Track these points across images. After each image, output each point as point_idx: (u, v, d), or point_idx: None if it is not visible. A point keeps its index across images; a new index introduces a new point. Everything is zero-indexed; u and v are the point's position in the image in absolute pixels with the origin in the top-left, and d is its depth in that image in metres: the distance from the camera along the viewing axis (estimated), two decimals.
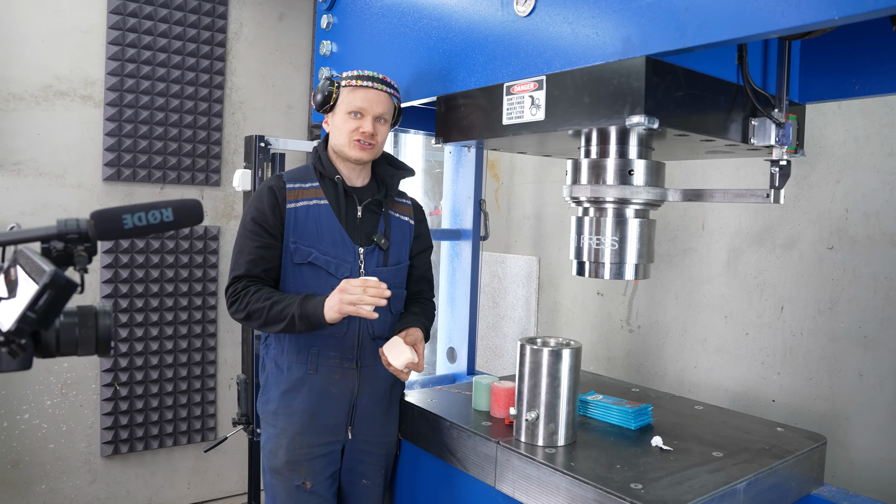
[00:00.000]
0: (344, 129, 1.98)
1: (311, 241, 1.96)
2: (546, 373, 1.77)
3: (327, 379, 1.98)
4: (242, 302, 1.91)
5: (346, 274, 1.97)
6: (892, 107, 2.26)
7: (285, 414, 1.99)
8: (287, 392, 1.99)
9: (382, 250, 2.04)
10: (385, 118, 2.00)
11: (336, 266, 1.96)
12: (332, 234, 1.98)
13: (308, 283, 1.96)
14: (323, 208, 1.99)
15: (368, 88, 1.96)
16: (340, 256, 1.97)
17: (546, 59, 1.62)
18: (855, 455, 2.33)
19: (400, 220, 2.12)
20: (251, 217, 1.98)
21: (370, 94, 1.97)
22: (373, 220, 2.06)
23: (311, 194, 2.00)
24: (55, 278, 0.89)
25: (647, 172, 1.72)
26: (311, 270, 1.96)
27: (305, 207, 1.98)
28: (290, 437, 1.97)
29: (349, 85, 1.97)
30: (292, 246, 1.96)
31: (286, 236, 1.96)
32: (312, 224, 1.97)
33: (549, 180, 3.54)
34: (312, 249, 1.96)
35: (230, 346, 3.86)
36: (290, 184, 2.01)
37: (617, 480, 1.55)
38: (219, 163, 3.75)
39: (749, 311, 2.65)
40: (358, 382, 2.00)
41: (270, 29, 3.92)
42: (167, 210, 1.14)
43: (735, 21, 1.26)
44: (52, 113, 3.28)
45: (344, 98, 1.98)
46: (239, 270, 1.95)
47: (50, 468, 3.37)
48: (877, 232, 2.29)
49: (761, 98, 1.67)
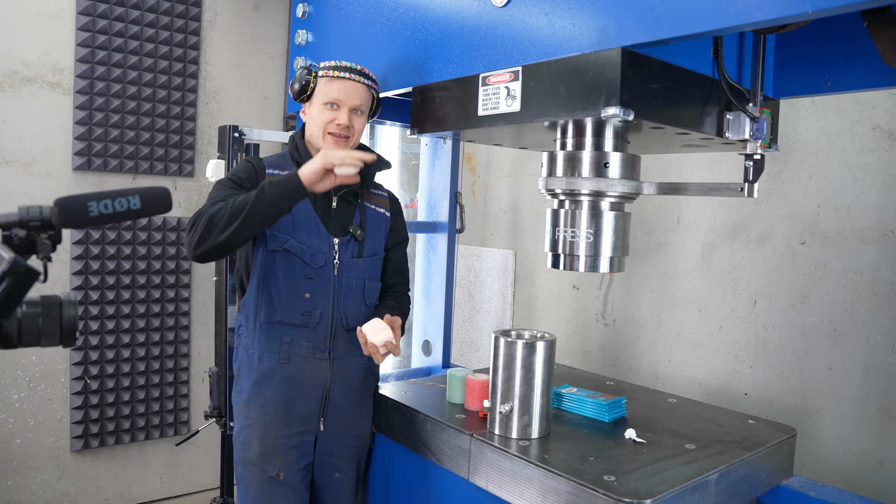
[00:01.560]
0: (319, 120, 1.96)
1: (287, 229, 1.94)
2: (520, 365, 1.77)
3: (299, 369, 1.97)
4: (201, 220, 1.76)
5: (321, 264, 1.95)
6: (863, 104, 2.29)
7: (257, 404, 1.97)
8: (259, 382, 1.97)
9: (358, 241, 2.02)
10: (362, 110, 1.99)
11: (311, 255, 1.95)
12: (308, 224, 1.96)
13: (281, 271, 1.94)
14: None
15: (345, 80, 1.94)
16: (315, 246, 1.95)
17: (522, 50, 1.61)
18: (823, 447, 2.36)
19: (376, 212, 2.11)
20: (228, 177, 1.96)
21: (347, 85, 1.94)
22: (348, 211, 2.05)
23: None
24: (14, 265, 0.87)
25: (622, 165, 1.73)
26: (284, 258, 1.94)
27: None
28: (263, 427, 1.96)
29: (326, 76, 1.95)
30: (268, 232, 1.93)
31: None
32: (289, 214, 1.94)
33: (526, 174, 3.54)
34: (287, 237, 1.94)
35: (203, 339, 3.81)
36: (269, 168, 2.00)
37: (590, 473, 1.55)
38: (192, 153, 3.69)
39: (723, 306, 2.67)
40: (330, 373, 1.99)
41: (245, 18, 3.86)
42: (134, 198, 1.12)
43: (710, 13, 1.26)
44: (19, 100, 3.20)
45: (321, 88, 1.96)
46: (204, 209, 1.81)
47: (17, 464, 3.30)
48: (847, 227, 2.32)
49: (736, 92, 1.68)
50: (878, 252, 2.25)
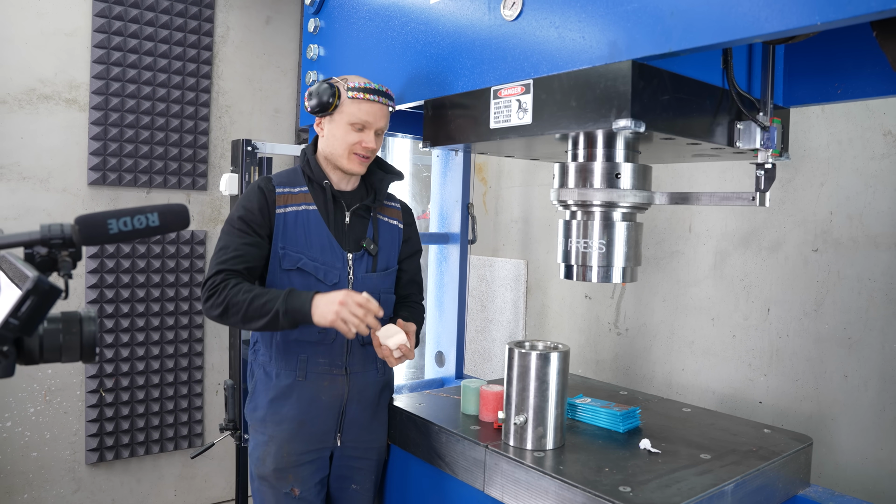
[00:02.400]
0: (345, 141, 1.94)
1: (300, 247, 1.94)
2: (534, 376, 1.77)
3: (317, 386, 1.96)
4: (221, 295, 1.83)
5: (335, 280, 1.95)
6: (874, 111, 2.28)
7: (274, 421, 1.97)
8: (275, 399, 1.97)
9: (371, 256, 2.02)
10: (383, 131, 1.99)
11: (325, 272, 1.94)
12: (321, 240, 1.96)
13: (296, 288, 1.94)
14: (311, 214, 1.96)
15: (374, 102, 1.92)
16: (329, 263, 1.95)
17: (533, 63, 1.62)
18: (840, 455, 2.35)
19: (389, 224, 2.11)
20: (238, 215, 1.93)
21: (375, 108, 1.93)
22: (361, 225, 2.04)
23: (299, 199, 1.97)
24: (38, 284, 0.88)
25: (633, 176, 1.73)
26: (299, 276, 1.94)
27: (294, 213, 1.95)
28: (279, 444, 1.96)
29: (356, 98, 1.92)
30: (281, 252, 1.93)
31: (275, 241, 1.94)
32: (301, 230, 1.94)
33: (537, 184, 3.55)
34: (301, 255, 1.93)
35: (217, 352, 3.83)
36: (279, 188, 1.97)
37: (606, 483, 1.55)
38: (205, 167, 3.73)
39: (736, 314, 2.66)
40: (347, 389, 1.98)
41: (257, 32, 3.91)
42: (153, 215, 1.13)
43: (719, 26, 1.27)
44: (36, 116, 3.25)
45: (347, 109, 1.92)
46: (221, 266, 1.87)
47: (33, 477, 3.33)
48: (860, 234, 2.31)
49: (746, 102, 1.68)
50: (891, 258, 2.24)
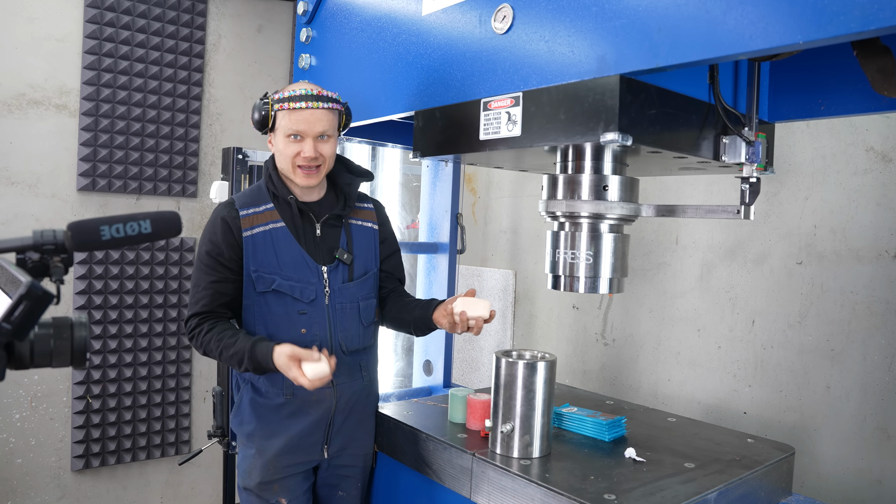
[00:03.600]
0: (286, 154, 1.89)
1: (272, 267, 1.90)
2: (521, 385, 1.79)
3: (304, 402, 1.95)
4: (197, 341, 1.91)
5: (312, 297, 1.92)
6: (857, 127, 2.33)
7: (261, 436, 1.95)
8: (263, 416, 1.96)
9: (346, 265, 1.98)
10: (328, 134, 1.90)
11: (301, 290, 1.91)
12: (293, 257, 1.92)
13: (273, 311, 1.91)
14: (280, 231, 1.92)
15: (304, 110, 1.85)
16: (304, 279, 1.92)
17: (523, 76, 1.65)
18: (822, 465, 2.37)
19: (363, 228, 2.06)
20: (206, 251, 1.91)
21: (306, 114, 1.85)
22: (334, 235, 2.00)
23: (265, 218, 1.93)
24: (32, 289, 0.89)
25: (621, 188, 1.76)
26: (275, 298, 1.91)
27: (262, 234, 1.91)
28: (266, 459, 1.94)
29: (282, 109, 1.86)
30: (254, 275, 1.90)
31: (246, 265, 1.90)
32: (271, 250, 1.91)
33: (526, 195, 3.58)
34: (275, 276, 1.90)
35: (205, 359, 3.82)
36: (242, 210, 1.92)
37: (591, 491, 1.56)
38: (196, 174, 3.73)
39: (721, 325, 2.69)
40: (335, 401, 1.97)
41: (249, 41, 3.92)
42: (145, 222, 1.14)
43: (706, 42, 1.30)
44: (26, 122, 3.24)
45: (280, 121, 1.87)
46: (195, 307, 1.92)
47: (17, 483, 3.30)
48: (843, 248, 2.35)
49: (732, 117, 1.71)
50: (873, 272, 2.28)
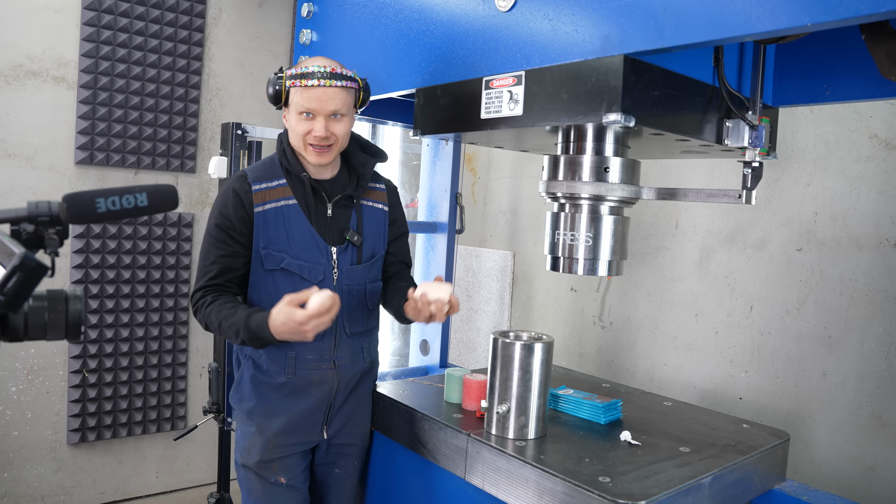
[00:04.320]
0: (297, 131, 1.85)
1: (282, 245, 1.88)
2: (518, 366, 1.79)
3: (306, 381, 1.94)
4: (199, 314, 1.89)
5: (320, 277, 1.90)
6: (861, 113, 2.31)
7: (262, 414, 1.95)
8: (265, 393, 1.95)
9: (356, 246, 1.96)
10: (341, 113, 1.84)
11: (309, 270, 1.89)
12: (303, 236, 1.89)
13: (280, 289, 1.87)
14: (291, 209, 1.89)
15: (316, 87, 1.79)
16: (313, 259, 1.90)
17: (525, 55, 1.63)
18: (816, 452, 2.38)
19: (373, 209, 2.04)
20: (216, 223, 1.88)
21: (318, 92, 1.79)
22: (345, 215, 1.97)
23: (278, 194, 1.90)
24: (25, 261, 0.88)
25: (622, 170, 1.74)
26: (283, 276, 1.89)
27: (274, 210, 1.88)
28: (266, 437, 1.94)
29: (294, 85, 1.81)
30: (263, 252, 1.87)
31: (255, 241, 1.88)
32: (282, 227, 1.88)
33: (526, 175, 3.56)
34: (284, 255, 1.88)
35: (202, 335, 3.82)
36: (255, 184, 1.89)
37: (585, 474, 1.57)
38: (194, 149, 3.70)
39: (719, 310, 2.69)
40: (336, 382, 1.97)
41: (250, 16, 3.88)
42: (142, 195, 1.13)
43: (712, 23, 1.28)
44: (23, 93, 3.21)
45: (293, 98, 1.82)
46: (201, 280, 1.89)
47: (13, 456, 3.31)
48: (843, 235, 2.34)
49: (736, 100, 1.69)
50: (873, 260, 2.27)
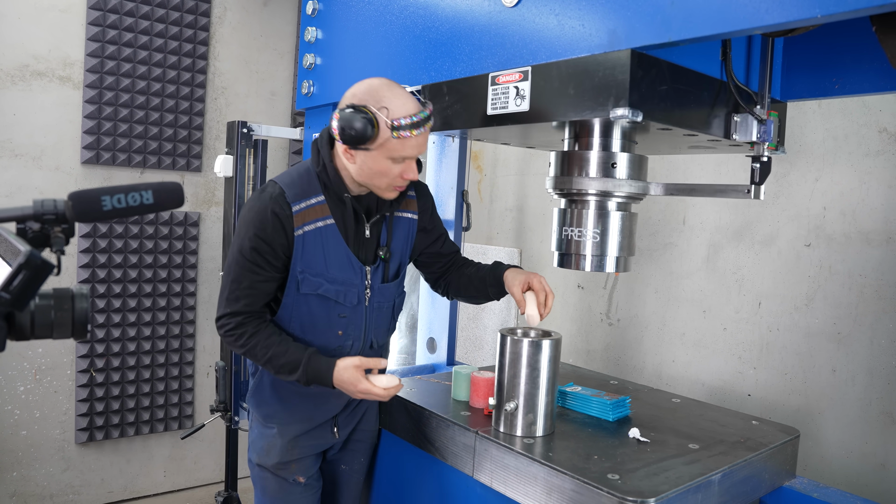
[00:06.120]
0: (385, 177, 1.73)
1: (319, 268, 1.79)
2: (526, 363, 1.78)
3: (328, 390, 1.91)
4: (240, 342, 1.78)
5: (354, 301, 1.86)
6: (870, 107, 2.29)
7: (283, 418, 1.94)
8: (286, 398, 1.94)
9: (385, 262, 1.92)
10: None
11: (344, 293, 1.84)
12: (339, 257, 1.82)
13: (314, 312, 1.84)
14: (330, 230, 1.80)
15: (423, 134, 1.69)
16: (348, 281, 1.84)
17: (532, 50, 1.62)
18: (826, 449, 2.37)
19: (402, 220, 1.97)
20: (252, 246, 1.74)
21: (420, 139, 1.70)
22: (377, 231, 1.90)
23: (316, 213, 1.79)
24: (31, 259, 0.88)
25: (629, 166, 1.73)
26: (317, 300, 1.83)
27: (313, 232, 1.78)
28: (287, 440, 1.93)
29: (401, 137, 1.66)
30: (300, 276, 1.79)
31: (293, 265, 1.78)
32: (319, 249, 1.79)
33: (532, 172, 3.55)
34: (320, 279, 1.80)
35: (209, 333, 3.83)
36: (294, 204, 1.76)
37: (594, 471, 1.56)
38: (200, 148, 3.71)
39: (727, 307, 2.68)
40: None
41: (255, 14, 3.88)
42: (147, 192, 1.13)
43: (720, 16, 1.27)
44: (29, 93, 3.22)
45: (390, 145, 1.67)
46: (235, 305, 1.77)
47: (22, 455, 3.33)
48: (853, 230, 2.32)
49: (744, 94, 1.68)
50: (883, 255, 2.25)
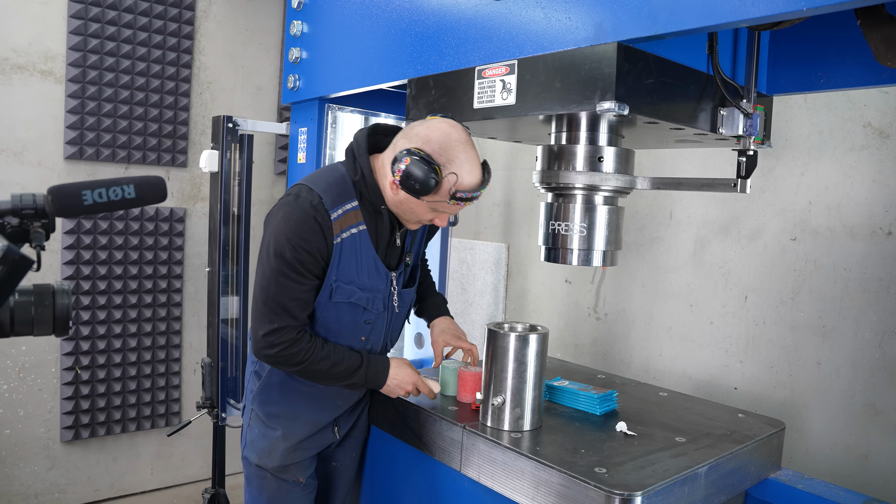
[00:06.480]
0: (418, 217, 1.79)
1: (351, 276, 1.80)
2: (513, 358, 1.78)
3: (338, 392, 1.94)
4: (297, 358, 1.76)
5: (380, 307, 1.88)
6: (855, 102, 2.30)
7: (288, 419, 1.93)
8: (294, 400, 1.93)
9: (408, 266, 1.97)
10: None
11: (372, 300, 1.86)
12: (369, 264, 1.83)
13: (342, 318, 1.85)
14: (363, 237, 1.81)
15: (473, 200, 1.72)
16: (376, 288, 1.86)
17: (518, 44, 1.61)
18: (811, 441, 2.39)
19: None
20: (294, 256, 1.71)
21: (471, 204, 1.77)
22: (404, 238, 1.94)
23: (351, 220, 1.79)
24: (8, 254, 0.87)
25: (616, 160, 1.73)
26: (346, 307, 1.84)
27: (349, 239, 1.79)
28: (291, 442, 1.92)
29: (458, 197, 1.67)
30: (334, 284, 1.79)
31: (329, 273, 1.78)
32: (353, 257, 1.80)
33: (519, 167, 3.55)
34: (352, 286, 1.81)
35: (195, 330, 3.80)
36: (333, 211, 1.76)
37: (581, 465, 1.56)
38: (185, 143, 3.67)
39: (714, 301, 2.69)
40: (362, 391, 2.01)
41: (240, 8, 3.85)
42: (129, 186, 1.11)
43: (706, 9, 1.27)
44: (10, 87, 3.17)
45: (440, 204, 1.71)
46: (282, 318, 1.75)
47: (6, 454, 3.29)
48: (837, 224, 2.34)
49: (730, 88, 1.68)
50: (867, 249, 2.27)
